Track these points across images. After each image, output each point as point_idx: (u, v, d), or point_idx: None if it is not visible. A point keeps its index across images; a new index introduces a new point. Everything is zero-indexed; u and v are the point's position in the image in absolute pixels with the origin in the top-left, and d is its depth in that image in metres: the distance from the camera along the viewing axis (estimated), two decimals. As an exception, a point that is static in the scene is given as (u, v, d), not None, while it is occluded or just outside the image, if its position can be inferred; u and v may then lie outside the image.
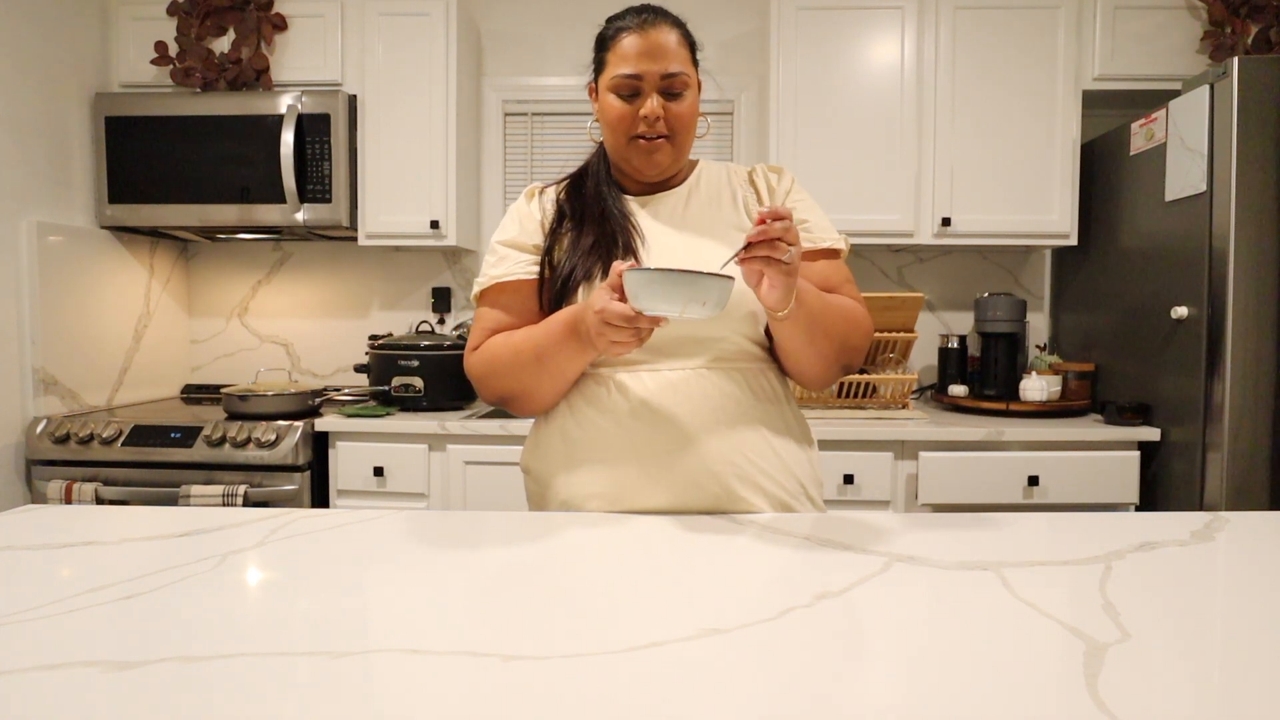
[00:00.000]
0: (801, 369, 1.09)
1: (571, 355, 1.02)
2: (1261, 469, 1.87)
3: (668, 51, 1.06)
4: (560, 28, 2.77)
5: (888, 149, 2.39)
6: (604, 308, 0.91)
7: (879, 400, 2.32)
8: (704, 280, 0.86)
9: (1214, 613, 0.71)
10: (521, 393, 1.09)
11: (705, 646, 0.63)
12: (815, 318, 1.01)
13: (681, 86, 1.07)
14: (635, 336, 0.92)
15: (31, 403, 2.22)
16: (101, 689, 0.56)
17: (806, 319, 1.00)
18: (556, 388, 1.08)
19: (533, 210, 1.16)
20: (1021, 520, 1.02)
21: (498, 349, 1.09)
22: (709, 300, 0.87)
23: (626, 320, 0.90)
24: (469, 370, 1.14)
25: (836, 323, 1.05)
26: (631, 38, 1.06)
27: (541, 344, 1.04)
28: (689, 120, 1.09)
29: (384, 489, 2.20)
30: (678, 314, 0.87)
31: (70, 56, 2.38)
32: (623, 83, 1.06)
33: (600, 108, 1.11)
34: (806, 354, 1.05)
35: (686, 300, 0.86)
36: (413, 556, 0.87)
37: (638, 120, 1.07)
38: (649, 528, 0.98)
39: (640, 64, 1.05)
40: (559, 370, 1.05)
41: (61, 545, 0.90)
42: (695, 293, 0.86)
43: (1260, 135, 1.82)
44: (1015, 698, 0.55)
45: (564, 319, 1.02)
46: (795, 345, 1.04)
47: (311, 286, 2.88)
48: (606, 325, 0.91)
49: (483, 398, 1.14)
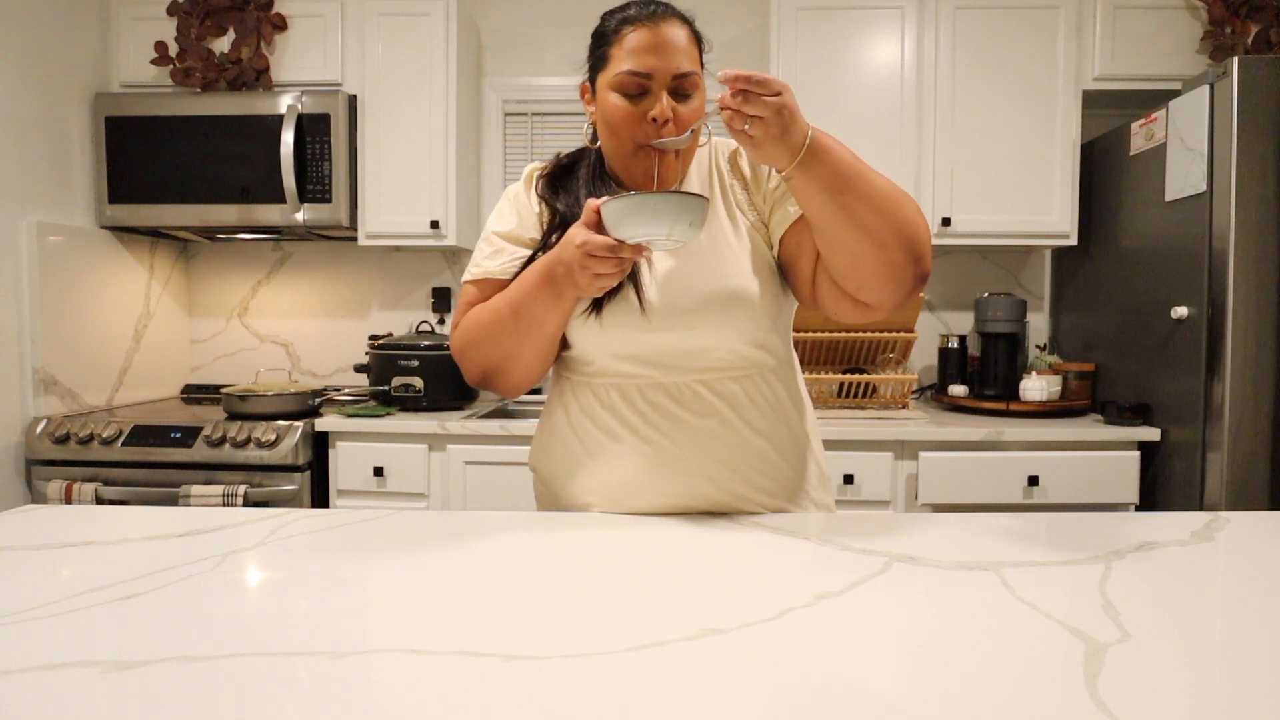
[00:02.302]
0: (851, 256, 0.92)
1: (549, 303, 0.98)
2: (1261, 469, 1.87)
3: (679, 49, 0.97)
4: (560, 28, 2.77)
5: (888, 149, 2.39)
6: (585, 240, 0.89)
7: (879, 400, 2.32)
8: (683, 199, 0.87)
9: (1214, 613, 0.71)
10: (503, 357, 1.04)
11: (705, 646, 0.63)
12: (841, 175, 0.88)
13: (692, 88, 0.99)
14: (618, 267, 0.90)
15: (31, 403, 2.22)
16: (101, 689, 0.56)
17: (829, 176, 0.87)
18: (538, 348, 1.03)
19: (532, 200, 1.12)
20: (1021, 520, 1.02)
21: (476, 315, 1.06)
22: (691, 220, 0.88)
23: (609, 250, 0.88)
24: (453, 347, 1.10)
25: (873, 187, 0.89)
26: (640, 32, 0.97)
27: (518, 298, 1.00)
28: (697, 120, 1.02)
29: (384, 489, 2.20)
30: (663, 236, 0.87)
31: (70, 56, 2.38)
32: (629, 80, 0.97)
33: (600, 108, 1.02)
34: (845, 227, 0.90)
35: (672, 223, 0.87)
36: (413, 556, 0.87)
37: (644, 123, 0.98)
38: (649, 528, 0.98)
39: (650, 61, 0.96)
40: (538, 323, 1.00)
41: (61, 545, 0.90)
42: (677, 212, 0.86)
43: (1260, 135, 1.82)
44: (1015, 698, 0.55)
45: (538, 267, 0.99)
46: (824, 214, 0.90)
47: (311, 286, 2.88)
48: (590, 258, 0.89)
49: (467, 375, 1.10)
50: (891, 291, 0.94)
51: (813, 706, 0.54)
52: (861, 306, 0.98)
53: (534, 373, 1.07)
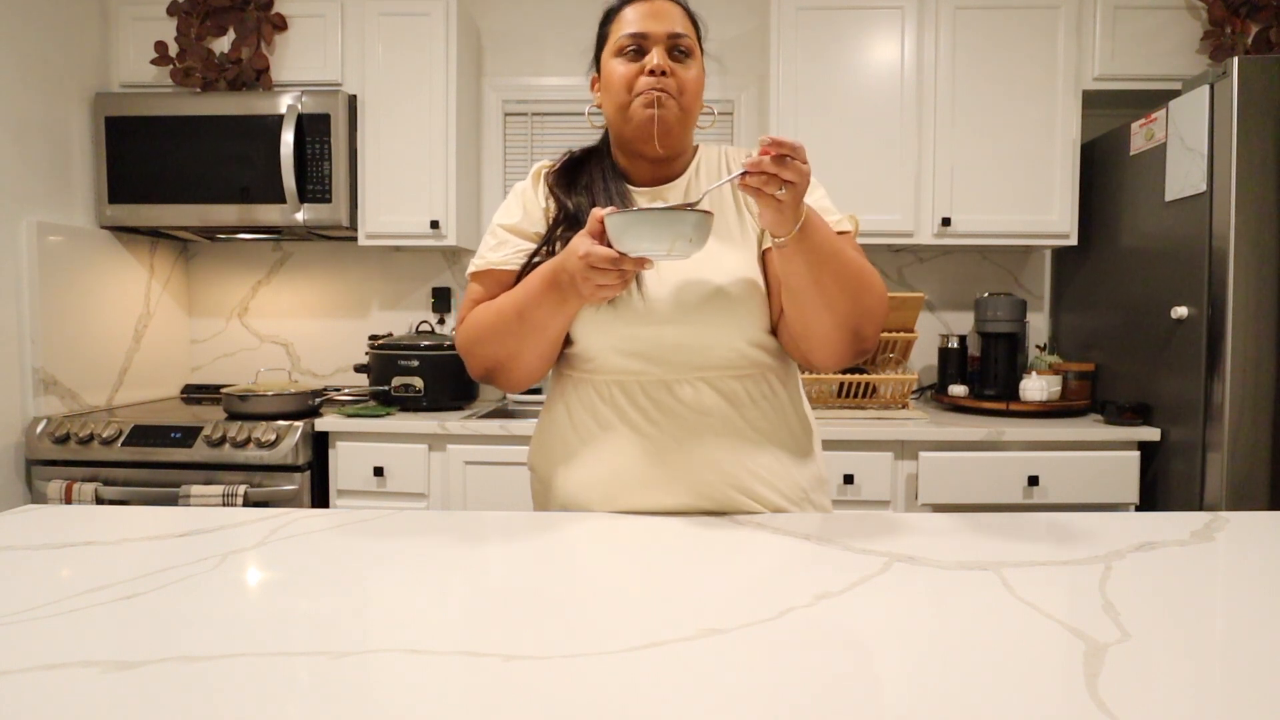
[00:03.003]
0: (810, 326, 1.01)
1: (553, 308, 1.00)
2: (1261, 469, 1.87)
3: (673, 15, 1.05)
4: (560, 28, 2.77)
5: (888, 149, 2.39)
6: (588, 251, 0.90)
7: (879, 400, 2.32)
8: (685, 216, 0.86)
9: (1214, 613, 0.71)
10: (507, 357, 1.06)
11: (705, 646, 0.63)
12: (823, 254, 0.94)
13: (689, 48, 1.05)
14: (620, 279, 0.91)
15: (31, 403, 2.22)
16: (101, 689, 0.56)
17: (813, 252, 0.93)
18: (541, 349, 1.05)
19: (538, 195, 1.13)
20: (1021, 520, 1.02)
21: (481, 314, 1.08)
22: (692, 237, 0.87)
23: (611, 262, 0.89)
24: (458, 343, 1.12)
25: (848, 270, 0.97)
26: (636, 4, 1.06)
27: (522, 301, 1.02)
28: (695, 88, 1.06)
29: (384, 489, 2.20)
30: (664, 252, 0.88)
31: (70, 56, 2.38)
32: (627, 42, 1.04)
33: (604, 79, 1.09)
34: (813, 300, 0.97)
35: (673, 238, 0.87)
36: (413, 556, 0.87)
37: (642, 76, 1.03)
38: (649, 527, 0.98)
39: (645, 24, 1.04)
40: (541, 326, 1.02)
41: (61, 545, 0.90)
42: (678, 229, 0.86)
43: (1260, 135, 1.82)
44: (1015, 698, 0.55)
45: (543, 273, 1.00)
46: (800, 284, 0.97)
47: (311, 286, 2.88)
48: (592, 269, 0.90)
49: (471, 371, 1.12)
50: (830, 363, 1.04)
51: (813, 706, 0.54)
52: (800, 356, 1.08)
53: (537, 371, 1.09)
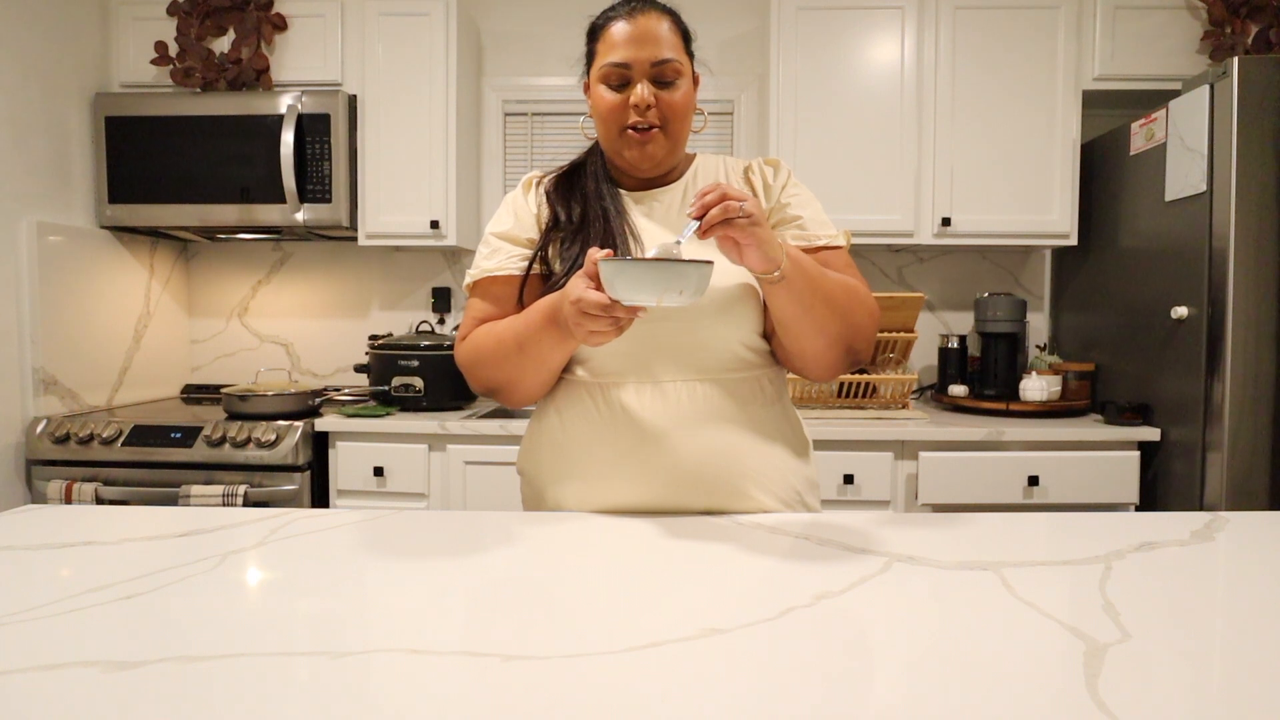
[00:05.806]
0: (803, 348, 1.02)
1: (553, 344, 0.99)
2: (1261, 469, 1.87)
3: (658, 38, 1.03)
4: (560, 28, 2.77)
5: (888, 149, 2.39)
6: (580, 297, 0.87)
7: (879, 400, 2.32)
8: (680, 268, 0.84)
9: (1214, 613, 0.71)
10: (506, 382, 1.06)
11: (705, 646, 0.63)
12: (813, 282, 0.96)
13: (673, 74, 1.04)
14: (614, 326, 0.88)
15: (31, 403, 2.21)
16: (101, 689, 0.56)
17: (803, 282, 0.95)
18: (540, 378, 1.06)
19: (529, 203, 1.14)
20: (1021, 520, 1.02)
21: (482, 339, 1.08)
22: (686, 288, 0.84)
23: (603, 309, 0.86)
24: (458, 360, 1.12)
25: (837, 293, 0.99)
26: (619, 24, 1.04)
27: (522, 334, 1.02)
28: (682, 110, 1.06)
29: (384, 489, 2.20)
30: (655, 302, 0.85)
31: (70, 56, 2.38)
32: (611, 72, 1.04)
33: (592, 100, 1.09)
34: (805, 327, 0.99)
35: (663, 289, 0.83)
36: (413, 556, 0.87)
37: (628, 110, 1.04)
38: (649, 528, 0.98)
39: (628, 51, 1.02)
40: (541, 359, 1.02)
41: (61, 545, 0.90)
42: (671, 281, 0.83)
43: (1260, 135, 1.82)
44: (1015, 698, 0.55)
45: (544, 308, 0.99)
46: (792, 314, 0.98)
47: (311, 286, 2.88)
48: (584, 315, 0.88)
49: (472, 387, 1.12)
50: (824, 377, 1.08)
51: (813, 707, 0.54)
52: (794, 369, 1.11)
53: (538, 394, 1.11)
